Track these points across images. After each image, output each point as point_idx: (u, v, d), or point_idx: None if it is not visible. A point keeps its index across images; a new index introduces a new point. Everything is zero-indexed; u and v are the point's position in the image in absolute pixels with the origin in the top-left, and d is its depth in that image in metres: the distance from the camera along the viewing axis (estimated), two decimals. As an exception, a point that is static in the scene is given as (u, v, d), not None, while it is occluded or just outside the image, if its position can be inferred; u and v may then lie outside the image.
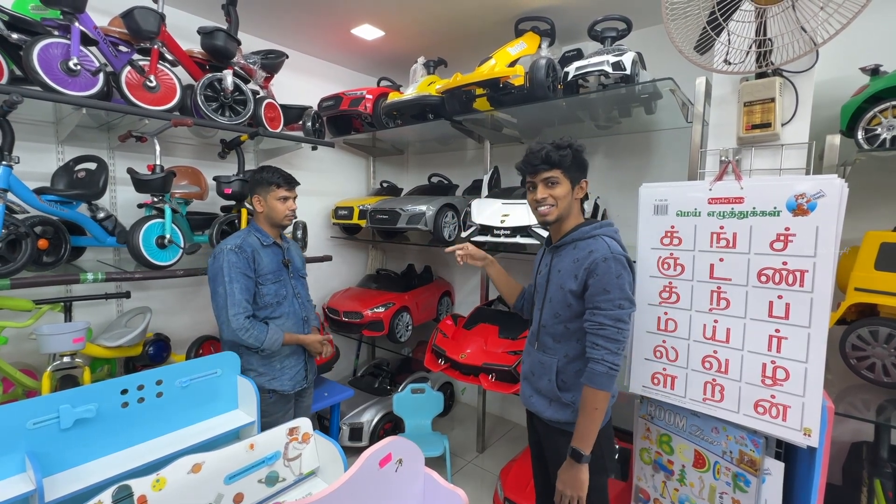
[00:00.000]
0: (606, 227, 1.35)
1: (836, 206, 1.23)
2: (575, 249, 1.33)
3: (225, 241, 1.74)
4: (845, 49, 1.65)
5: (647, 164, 2.54)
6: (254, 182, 1.80)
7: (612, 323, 1.23)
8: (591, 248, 1.28)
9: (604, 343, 1.23)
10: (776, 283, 1.34)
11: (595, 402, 1.24)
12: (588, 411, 1.25)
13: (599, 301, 1.24)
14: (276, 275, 1.79)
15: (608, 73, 1.91)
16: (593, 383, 1.24)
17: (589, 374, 1.25)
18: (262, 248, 1.77)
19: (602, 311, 1.23)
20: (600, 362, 1.23)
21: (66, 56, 1.65)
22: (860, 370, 1.51)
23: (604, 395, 1.23)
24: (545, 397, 1.41)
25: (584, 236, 1.33)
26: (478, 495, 2.40)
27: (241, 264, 1.67)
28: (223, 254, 1.68)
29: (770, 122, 1.44)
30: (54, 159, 2.02)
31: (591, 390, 1.24)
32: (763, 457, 1.40)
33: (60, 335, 1.66)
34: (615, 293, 1.23)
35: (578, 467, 1.25)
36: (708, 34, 1.45)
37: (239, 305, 1.64)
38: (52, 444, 1.17)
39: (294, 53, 2.89)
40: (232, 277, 1.65)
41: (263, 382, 1.74)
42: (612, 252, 1.25)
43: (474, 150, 3.32)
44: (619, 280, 1.23)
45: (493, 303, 2.74)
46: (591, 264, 1.26)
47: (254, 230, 1.81)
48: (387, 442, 0.93)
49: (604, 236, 1.31)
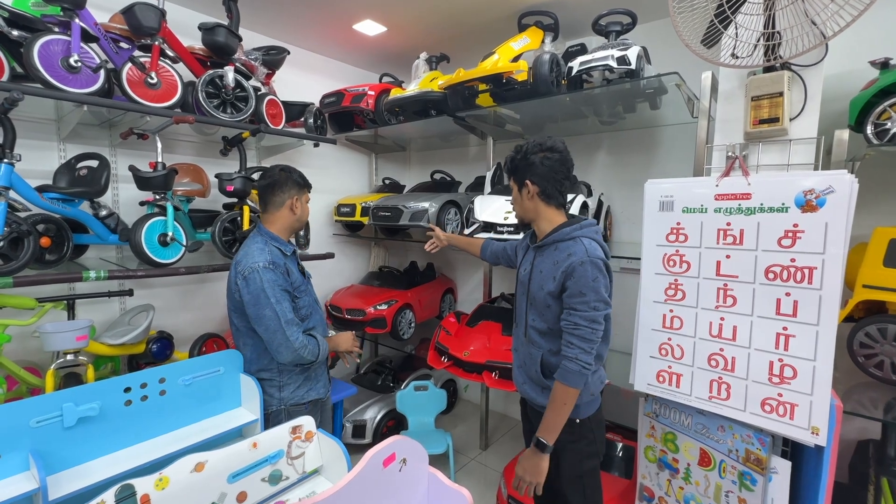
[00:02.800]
0: (587, 228, 1.36)
1: (845, 202, 1.21)
2: (556, 251, 1.36)
3: (249, 258, 1.54)
4: (854, 42, 1.63)
5: (652, 160, 2.52)
6: (288, 182, 1.66)
7: (586, 324, 1.27)
8: (570, 251, 1.31)
9: (578, 342, 1.27)
10: (784, 281, 1.33)
11: (564, 397, 1.29)
12: (557, 406, 1.30)
13: (575, 303, 1.28)
14: (304, 285, 1.70)
15: (613, 68, 1.89)
16: (565, 380, 1.28)
17: (562, 371, 1.29)
18: (287, 259, 1.64)
19: (577, 312, 1.28)
20: (573, 360, 1.27)
21: (67, 53, 1.64)
22: (868, 368, 1.50)
23: (573, 391, 1.28)
24: (536, 385, 1.46)
25: (564, 238, 1.35)
26: (481, 493, 2.40)
27: (280, 280, 1.55)
28: (257, 273, 1.50)
29: (778, 117, 1.41)
30: (56, 157, 2.02)
31: (563, 387, 1.29)
32: (770, 455, 1.39)
33: (64, 333, 1.66)
34: (590, 296, 1.26)
35: (541, 456, 1.31)
36: (715, 27, 1.43)
37: (293, 324, 1.54)
38: (55, 443, 1.17)
39: (295, 49, 2.87)
40: (278, 297, 1.51)
41: (302, 395, 1.67)
42: (590, 256, 1.28)
43: (477, 146, 3.30)
44: (594, 283, 1.26)
45: (496, 300, 2.73)
46: (568, 267, 1.29)
47: (271, 240, 1.63)
48: (391, 441, 0.92)
49: (583, 238, 1.33)
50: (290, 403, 1.65)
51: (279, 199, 1.66)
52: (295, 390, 1.65)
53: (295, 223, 1.71)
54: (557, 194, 1.39)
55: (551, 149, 1.37)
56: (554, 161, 1.36)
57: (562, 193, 1.40)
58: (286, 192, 1.66)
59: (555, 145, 1.37)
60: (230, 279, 1.61)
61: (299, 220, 1.72)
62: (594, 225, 1.39)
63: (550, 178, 1.36)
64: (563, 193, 1.40)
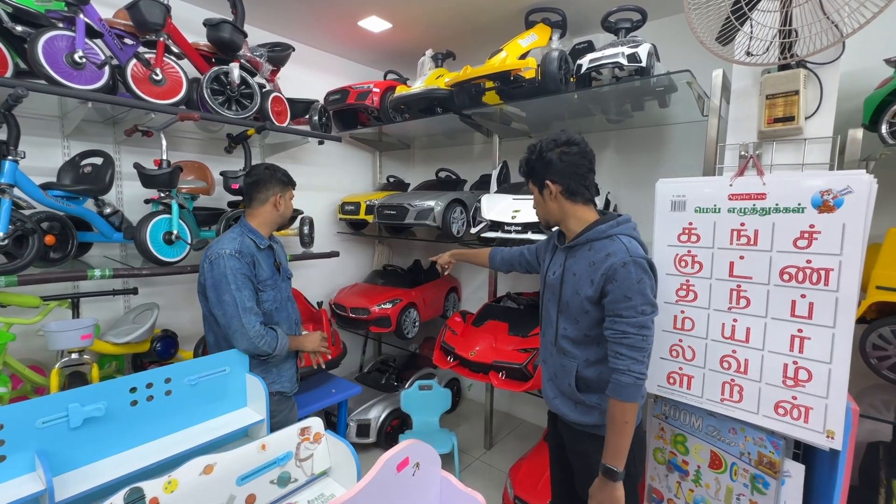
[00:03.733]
0: (624, 225, 1.26)
1: (864, 202, 1.20)
2: (590, 251, 1.25)
3: (218, 244, 1.60)
4: (868, 39, 1.60)
5: (660, 158, 2.50)
6: (272, 180, 1.70)
7: (635, 331, 1.15)
8: (608, 251, 1.20)
9: (628, 352, 1.16)
10: (799, 282, 1.31)
11: (624, 415, 1.17)
12: (617, 425, 1.18)
13: (621, 308, 1.16)
14: (273, 280, 1.70)
15: (623, 66, 1.86)
16: (620, 396, 1.16)
17: (615, 386, 1.17)
18: (259, 252, 1.66)
19: (624, 318, 1.16)
20: (626, 373, 1.15)
21: (72, 49, 1.62)
22: (881, 370, 1.48)
23: (632, 406, 1.16)
24: (569, 399, 1.36)
25: (599, 236, 1.25)
26: (486, 493, 2.37)
27: (245, 269, 1.58)
28: (222, 259, 1.55)
29: (794, 116, 1.39)
30: (60, 154, 2.00)
31: (619, 403, 1.17)
32: (783, 458, 1.37)
33: (68, 332, 1.65)
34: (637, 299, 1.15)
35: (613, 486, 1.18)
36: (731, 25, 1.41)
37: (251, 312, 1.56)
38: (61, 443, 1.16)
39: (300, 46, 2.85)
40: (239, 284, 1.55)
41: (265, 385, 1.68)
42: (632, 255, 1.17)
43: (482, 144, 3.28)
44: (640, 285, 1.15)
45: (501, 299, 2.71)
46: (608, 269, 1.18)
47: (247, 232, 1.67)
48: (404, 445, 0.90)
49: (621, 236, 1.22)
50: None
51: (263, 195, 1.70)
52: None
53: (278, 219, 1.75)
54: (583, 189, 1.28)
55: (568, 142, 1.27)
56: (573, 155, 1.26)
57: (588, 188, 1.29)
58: (270, 189, 1.71)
59: (571, 138, 1.28)
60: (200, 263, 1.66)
61: (282, 216, 1.76)
62: (630, 221, 1.28)
63: (572, 173, 1.26)
64: (588, 188, 1.29)
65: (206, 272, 1.58)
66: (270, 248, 1.73)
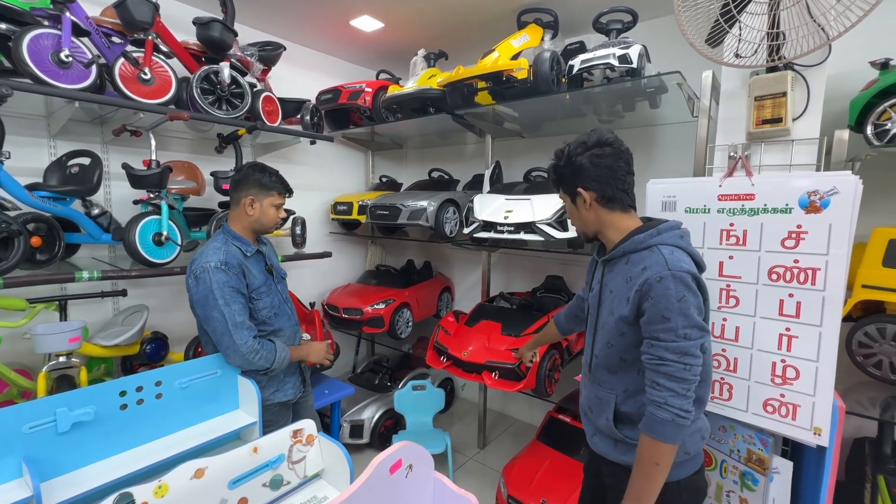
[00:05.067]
0: (667, 234, 1.09)
1: (850, 203, 1.22)
2: (627, 264, 1.11)
3: (202, 257, 1.49)
4: (854, 42, 1.62)
5: (651, 159, 2.52)
6: (248, 180, 1.58)
7: (675, 358, 0.98)
8: (645, 265, 1.05)
9: (666, 382, 0.99)
10: (787, 282, 1.33)
11: (655, 455, 1.00)
12: (645, 466, 1.02)
13: (658, 331, 1.00)
14: (267, 286, 1.62)
15: (614, 67, 1.87)
16: (653, 433, 1.00)
17: (648, 420, 1.01)
18: (247, 259, 1.57)
19: (662, 342, 1.00)
20: (663, 407, 0.99)
21: (58, 47, 1.60)
22: (867, 367, 1.51)
23: (667, 448, 1.00)
24: (608, 437, 1.19)
25: (637, 247, 1.09)
26: (480, 492, 2.40)
27: (233, 281, 1.48)
28: (207, 274, 1.45)
29: (781, 117, 1.41)
30: (46, 154, 1.97)
31: (651, 441, 1.01)
32: (772, 455, 1.39)
33: (56, 335, 1.63)
34: (677, 321, 0.98)
35: None
36: (720, 26, 1.42)
37: (242, 327, 1.47)
38: (49, 449, 1.14)
39: (292, 45, 2.83)
40: (227, 299, 1.46)
41: (267, 396, 1.61)
42: (671, 269, 1.00)
43: (474, 144, 3.28)
44: (681, 304, 0.98)
45: (494, 299, 2.72)
46: (643, 285, 1.03)
47: (231, 238, 1.57)
48: (397, 448, 0.90)
49: (661, 245, 1.06)
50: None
51: (237, 196, 1.59)
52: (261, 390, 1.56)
53: (254, 224, 1.61)
54: (622, 195, 1.13)
55: (600, 143, 1.12)
56: (607, 157, 1.11)
57: (627, 193, 1.14)
58: (244, 190, 1.59)
59: (603, 138, 1.13)
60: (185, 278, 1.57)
61: (258, 223, 1.61)
62: (677, 228, 1.11)
63: (608, 178, 1.11)
64: (628, 192, 1.15)
65: (192, 288, 1.50)
66: (259, 253, 1.64)
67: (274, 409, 1.64)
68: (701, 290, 1.04)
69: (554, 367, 2.10)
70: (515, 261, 3.13)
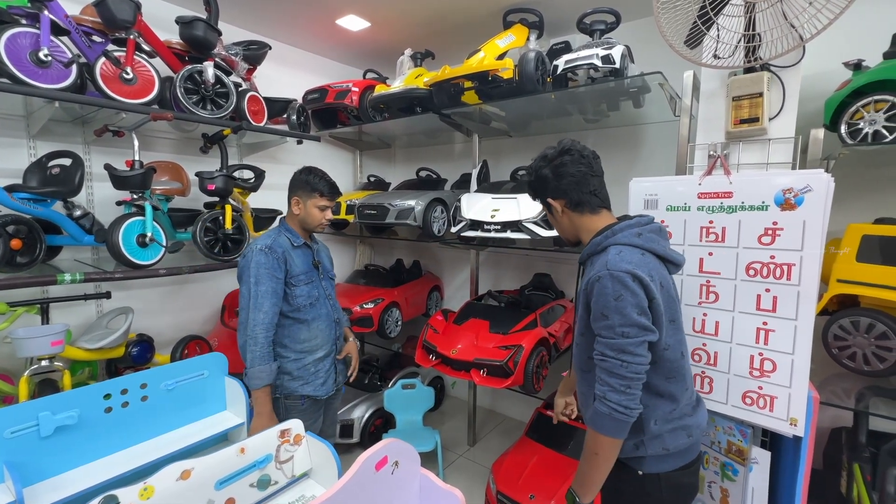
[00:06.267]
0: (621, 234, 1.11)
1: (822, 200, 1.25)
2: (591, 266, 1.15)
3: (255, 240, 1.66)
4: (829, 43, 1.67)
5: (636, 157, 2.55)
6: (297, 183, 1.72)
7: (613, 354, 1.02)
8: (596, 265, 1.10)
9: (606, 377, 1.03)
10: (764, 277, 1.36)
11: (595, 445, 1.05)
12: (588, 455, 1.07)
13: (599, 328, 1.05)
14: (307, 276, 1.72)
15: (597, 67, 1.90)
16: (593, 424, 1.05)
17: (591, 412, 1.06)
18: (293, 249, 1.70)
19: (603, 339, 1.04)
20: (601, 400, 1.03)
21: (36, 46, 1.57)
22: (842, 359, 1.55)
23: (607, 441, 1.03)
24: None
25: (595, 250, 1.15)
26: (469, 489, 2.42)
27: (271, 264, 1.59)
28: (252, 254, 1.60)
29: (758, 117, 1.45)
30: (26, 155, 1.94)
31: (591, 433, 1.06)
32: (751, 446, 1.43)
33: (37, 338, 1.61)
34: (614, 318, 1.02)
35: None
36: (698, 28, 1.45)
37: (261, 310, 1.55)
38: (31, 453, 1.13)
39: (277, 44, 2.81)
40: (259, 279, 1.57)
41: (296, 388, 1.67)
42: (609, 268, 1.03)
43: (462, 143, 3.29)
44: (618, 302, 1.01)
45: (483, 297, 2.74)
46: (587, 285, 1.08)
47: (284, 230, 1.74)
48: (383, 445, 0.91)
49: (612, 246, 1.10)
50: (283, 393, 1.67)
51: (289, 195, 1.75)
52: (289, 381, 1.67)
53: (301, 223, 1.75)
54: (589, 197, 1.17)
55: (561, 152, 1.19)
56: (567, 164, 1.17)
57: (595, 194, 1.18)
58: (293, 190, 1.74)
59: (564, 147, 1.19)
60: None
61: (304, 221, 1.74)
62: (635, 227, 1.13)
63: (571, 185, 1.17)
64: (596, 194, 1.18)
65: (239, 263, 1.66)
66: (306, 246, 1.77)
67: (300, 406, 1.69)
68: (645, 289, 1.03)
69: (542, 364, 2.12)
70: (504, 259, 3.15)
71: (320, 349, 1.74)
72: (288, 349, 1.68)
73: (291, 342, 1.69)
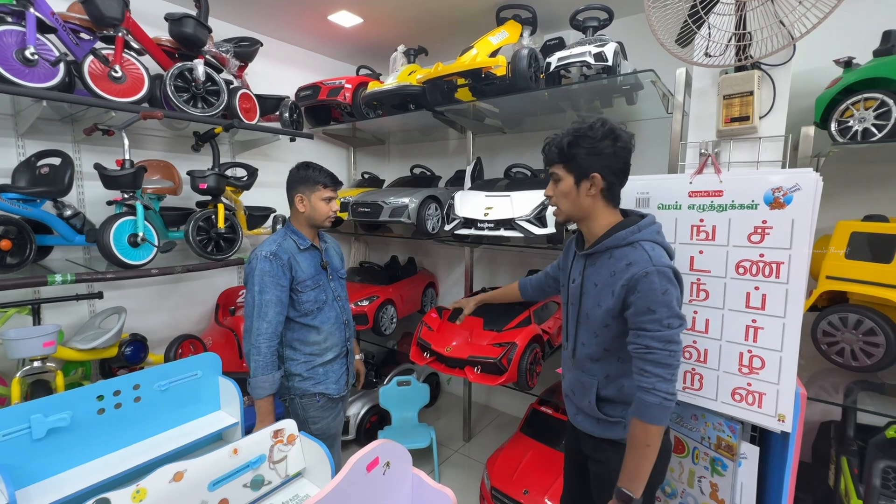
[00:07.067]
0: (647, 230, 1.15)
1: (811, 199, 1.26)
2: (611, 259, 1.16)
3: (260, 246, 1.62)
4: (819, 41, 1.68)
5: (629, 154, 2.55)
6: (296, 179, 1.68)
7: (660, 346, 1.05)
8: (629, 260, 1.11)
9: (653, 369, 1.06)
10: (753, 275, 1.38)
11: (647, 437, 1.07)
12: (638, 448, 1.09)
13: (644, 322, 1.07)
14: (314, 280, 1.68)
15: (590, 64, 1.90)
16: (644, 417, 1.07)
17: (639, 405, 1.08)
18: (300, 253, 1.66)
19: (648, 332, 1.07)
20: (651, 392, 1.06)
21: (22, 45, 1.55)
22: (830, 355, 1.57)
23: (656, 429, 1.07)
24: (590, 417, 1.28)
25: (619, 243, 1.15)
26: (465, 485, 2.44)
27: (275, 272, 1.56)
28: (256, 260, 1.57)
29: (749, 115, 1.45)
30: (14, 154, 1.92)
31: (642, 424, 1.08)
32: (739, 442, 1.45)
33: (29, 339, 1.60)
34: (661, 312, 1.05)
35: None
36: (689, 27, 1.45)
37: (264, 319, 1.53)
38: (24, 456, 1.13)
39: (269, 41, 2.79)
40: (263, 287, 1.54)
41: (308, 387, 1.67)
42: (655, 265, 1.07)
43: (456, 140, 3.29)
44: (665, 297, 1.05)
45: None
46: (629, 280, 1.09)
47: (290, 233, 1.70)
48: (374, 446, 0.92)
49: (643, 242, 1.12)
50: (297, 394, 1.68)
51: (289, 195, 1.71)
52: (300, 381, 1.67)
53: (308, 220, 1.71)
54: (619, 192, 1.20)
55: (621, 135, 1.15)
56: (626, 152, 1.15)
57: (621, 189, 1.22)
58: (293, 188, 1.69)
59: (623, 131, 1.16)
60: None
61: (311, 217, 1.70)
62: (653, 224, 1.18)
63: (621, 172, 1.16)
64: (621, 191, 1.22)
65: (245, 268, 1.63)
66: (314, 248, 1.73)
67: (318, 404, 1.69)
68: (679, 282, 1.11)
69: (535, 361, 2.14)
70: (498, 256, 3.16)
71: (330, 351, 1.73)
72: (298, 352, 1.68)
73: (301, 345, 1.68)
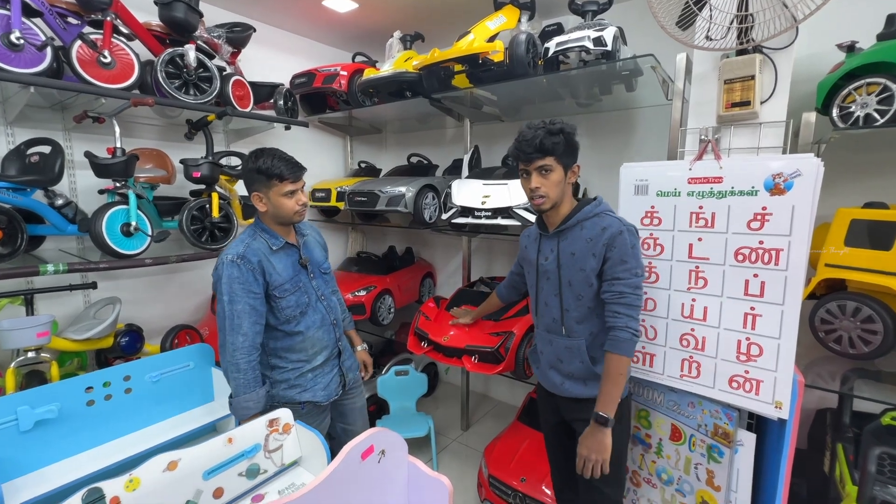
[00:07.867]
0: (604, 205, 1.40)
1: (811, 185, 1.24)
2: (583, 230, 1.36)
3: (227, 248, 1.44)
4: (822, 25, 1.65)
5: (628, 142, 2.53)
6: (249, 176, 1.45)
7: (630, 290, 1.28)
8: (603, 225, 1.32)
9: (625, 311, 1.28)
10: (752, 262, 1.36)
11: (619, 367, 1.29)
12: (613, 377, 1.29)
13: (619, 271, 1.29)
14: (293, 282, 1.49)
15: (589, 49, 1.86)
16: (618, 350, 1.28)
17: (613, 341, 1.29)
18: (273, 254, 1.47)
19: (621, 280, 1.29)
20: (624, 329, 1.28)
21: (7, 29, 1.51)
22: (828, 343, 1.56)
23: (627, 360, 1.30)
24: (579, 380, 1.43)
25: (588, 216, 1.36)
26: (462, 473, 2.45)
27: (245, 278, 1.38)
28: (222, 266, 1.39)
29: (750, 101, 1.43)
30: (3, 142, 1.88)
31: (616, 357, 1.29)
32: (736, 429, 1.45)
33: (22, 330, 1.58)
34: (632, 262, 1.29)
35: (604, 431, 1.29)
36: (690, 9, 1.42)
37: (239, 332, 1.36)
38: (11, 448, 1.12)
39: (262, 26, 2.73)
40: (233, 296, 1.37)
41: (294, 395, 1.52)
42: (625, 225, 1.32)
43: (454, 128, 3.25)
44: (633, 250, 1.30)
45: (475, 284, 2.74)
46: (608, 239, 1.30)
47: (259, 231, 1.49)
48: (369, 434, 0.91)
49: (607, 213, 1.37)
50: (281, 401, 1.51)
51: (249, 193, 1.49)
52: (286, 389, 1.52)
53: (274, 218, 1.49)
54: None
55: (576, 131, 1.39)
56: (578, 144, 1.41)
57: None
58: (249, 186, 1.47)
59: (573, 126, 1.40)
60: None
61: (276, 217, 1.48)
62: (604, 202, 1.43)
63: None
64: None
65: (213, 275, 1.45)
66: (289, 245, 1.53)
67: (302, 412, 1.53)
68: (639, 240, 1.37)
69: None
70: (496, 245, 3.15)
71: (319, 356, 1.58)
72: (284, 360, 1.53)
73: (287, 353, 1.53)
